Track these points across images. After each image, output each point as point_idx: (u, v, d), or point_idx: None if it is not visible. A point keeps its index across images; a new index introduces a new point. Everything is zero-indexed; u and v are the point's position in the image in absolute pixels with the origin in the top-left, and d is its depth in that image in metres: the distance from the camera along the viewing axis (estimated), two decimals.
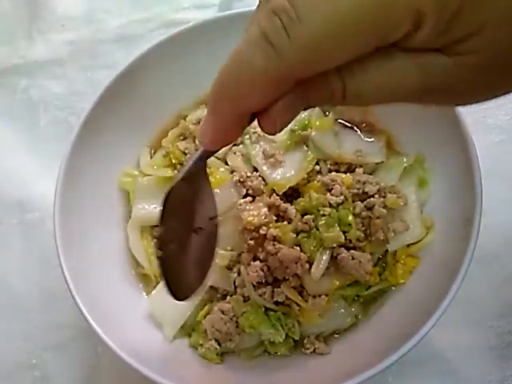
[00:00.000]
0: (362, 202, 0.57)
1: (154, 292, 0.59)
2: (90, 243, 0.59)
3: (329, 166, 0.61)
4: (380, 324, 0.56)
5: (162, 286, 0.57)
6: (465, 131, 0.53)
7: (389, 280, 0.56)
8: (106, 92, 0.60)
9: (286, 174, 0.59)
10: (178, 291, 0.44)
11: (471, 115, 0.68)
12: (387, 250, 0.58)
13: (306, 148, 0.61)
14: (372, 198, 0.56)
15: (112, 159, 0.64)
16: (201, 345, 0.56)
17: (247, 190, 0.58)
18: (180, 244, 0.43)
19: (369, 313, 0.57)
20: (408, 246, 0.57)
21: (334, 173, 0.60)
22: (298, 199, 0.58)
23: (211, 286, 0.58)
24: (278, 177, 0.59)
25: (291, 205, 0.57)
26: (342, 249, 0.55)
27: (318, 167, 0.60)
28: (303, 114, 0.62)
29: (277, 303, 0.55)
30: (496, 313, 0.60)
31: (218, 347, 0.56)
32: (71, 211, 0.57)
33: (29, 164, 0.73)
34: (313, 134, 0.61)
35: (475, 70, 0.27)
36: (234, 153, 0.62)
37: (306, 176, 0.59)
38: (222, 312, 0.56)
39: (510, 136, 0.68)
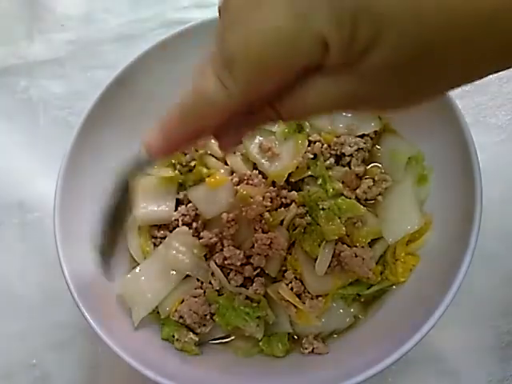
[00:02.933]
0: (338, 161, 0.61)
1: (128, 276, 0.59)
2: (90, 243, 0.59)
3: (329, 160, 0.61)
4: (380, 324, 0.56)
5: (137, 269, 0.59)
6: (465, 130, 0.53)
7: (389, 279, 0.57)
8: (105, 92, 0.60)
9: (284, 163, 0.60)
10: None
11: (471, 115, 0.68)
12: (386, 251, 0.58)
13: (297, 133, 0.62)
14: (348, 157, 0.60)
15: (112, 159, 0.63)
16: (177, 340, 0.56)
17: None
18: None
19: (368, 312, 0.57)
20: (407, 244, 0.57)
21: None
22: (298, 192, 0.59)
23: (187, 275, 0.58)
24: (278, 168, 0.60)
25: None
26: (345, 246, 0.55)
27: (310, 155, 0.61)
28: None
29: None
30: (496, 312, 0.60)
31: (195, 338, 0.56)
32: (71, 211, 0.57)
33: (29, 164, 0.73)
34: None
35: (386, 75, 0.28)
36: (234, 152, 0.62)
37: (304, 164, 0.60)
38: (195, 297, 0.57)
39: (510, 136, 0.68)
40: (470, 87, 0.71)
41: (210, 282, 0.57)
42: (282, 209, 0.58)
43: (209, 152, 0.62)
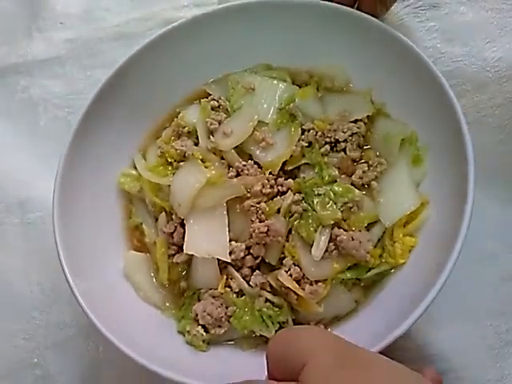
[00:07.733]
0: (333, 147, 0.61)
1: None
2: (90, 242, 0.59)
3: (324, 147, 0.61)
4: (380, 307, 0.55)
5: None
6: (456, 108, 0.54)
7: (388, 262, 0.56)
8: (102, 90, 0.60)
9: (278, 152, 0.60)
10: None
11: (471, 114, 0.68)
12: (384, 234, 0.58)
13: (290, 122, 0.62)
14: (342, 143, 0.60)
15: (110, 158, 0.64)
16: (188, 332, 0.56)
17: None
18: None
19: (369, 297, 0.57)
20: (404, 225, 0.57)
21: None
22: (294, 180, 0.59)
23: None
24: (272, 157, 0.60)
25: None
26: (341, 230, 0.55)
27: (304, 143, 0.61)
28: (286, 94, 0.64)
29: (274, 294, 0.56)
30: (494, 312, 0.60)
31: (204, 334, 0.56)
32: (70, 211, 0.57)
33: (29, 163, 0.74)
34: (297, 100, 0.62)
35: None
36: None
37: (298, 151, 0.60)
38: (213, 297, 0.56)
39: (509, 135, 0.68)
40: (469, 86, 0.71)
41: (229, 286, 0.57)
42: (278, 197, 0.58)
43: (208, 147, 0.62)
